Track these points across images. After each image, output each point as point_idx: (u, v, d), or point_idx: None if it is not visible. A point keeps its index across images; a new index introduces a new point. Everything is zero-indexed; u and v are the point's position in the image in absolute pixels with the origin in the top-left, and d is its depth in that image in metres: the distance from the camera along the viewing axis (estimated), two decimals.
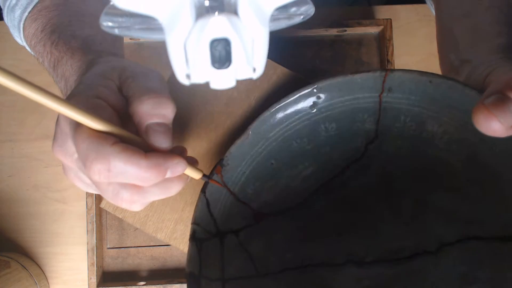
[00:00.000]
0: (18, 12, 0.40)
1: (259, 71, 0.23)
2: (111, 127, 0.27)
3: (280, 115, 0.37)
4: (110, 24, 0.22)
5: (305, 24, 0.51)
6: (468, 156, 0.34)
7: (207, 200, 0.37)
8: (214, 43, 0.21)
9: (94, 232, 0.49)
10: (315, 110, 0.37)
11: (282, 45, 0.53)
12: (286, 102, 0.36)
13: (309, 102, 0.36)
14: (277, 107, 0.36)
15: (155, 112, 0.28)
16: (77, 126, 0.27)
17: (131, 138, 0.28)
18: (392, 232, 0.39)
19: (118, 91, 0.30)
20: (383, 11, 0.54)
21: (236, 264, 0.37)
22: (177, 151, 0.30)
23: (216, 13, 0.20)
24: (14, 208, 0.54)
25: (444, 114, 0.33)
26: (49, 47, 0.38)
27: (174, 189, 0.30)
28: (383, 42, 0.51)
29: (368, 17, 0.54)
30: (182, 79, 0.23)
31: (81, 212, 0.53)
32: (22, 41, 0.43)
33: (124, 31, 0.22)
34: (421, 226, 0.38)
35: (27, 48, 0.43)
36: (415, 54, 0.53)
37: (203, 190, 0.36)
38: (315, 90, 0.36)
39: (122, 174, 0.26)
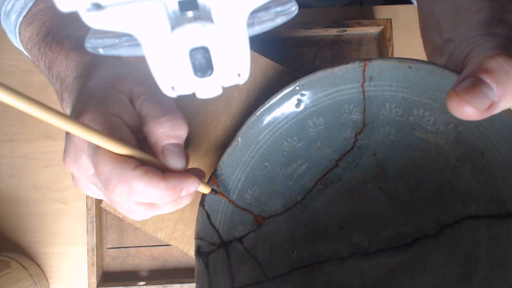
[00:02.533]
0: (13, 17, 0.40)
1: (244, 76, 0.23)
2: (132, 151, 0.28)
3: (266, 117, 0.37)
4: (95, 45, 0.22)
5: (305, 24, 0.51)
6: (456, 136, 0.34)
7: (207, 212, 0.37)
8: (193, 52, 0.21)
9: (94, 232, 0.49)
10: (300, 107, 0.37)
11: (282, 45, 0.53)
12: (271, 103, 0.36)
13: (293, 100, 0.36)
14: (262, 110, 0.36)
15: (172, 134, 0.30)
16: (96, 147, 0.28)
17: (148, 159, 0.29)
18: (391, 220, 0.39)
19: (131, 106, 0.31)
20: (383, 11, 0.54)
21: (244, 272, 0.37)
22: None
23: (191, 22, 0.20)
24: (14, 208, 0.54)
25: (428, 97, 0.34)
26: (43, 49, 0.38)
27: (184, 204, 0.32)
28: (383, 42, 0.51)
29: (368, 17, 0.54)
30: (168, 92, 0.23)
31: (81, 212, 0.53)
32: (19, 46, 0.43)
33: (110, 50, 0.22)
34: (419, 210, 0.38)
35: (24, 52, 0.43)
36: (415, 54, 0.53)
37: (201, 204, 0.37)
38: (297, 88, 0.36)
39: (142, 195, 0.28)
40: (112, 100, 0.30)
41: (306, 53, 0.53)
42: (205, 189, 0.35)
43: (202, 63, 0.21)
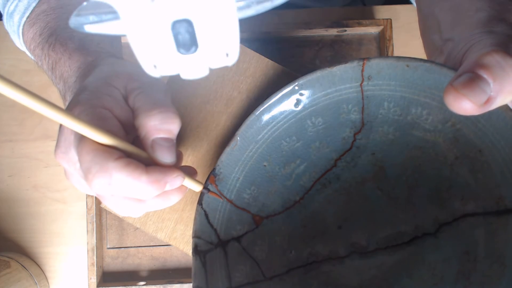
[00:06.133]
0: (16, 17, 0.41)
1: (233, 56, 0.21)
2: (116, 141, 0.27)
3: (265, 116, 0.37)
4: (78, 22, 0.21)
5: (305, 24, 0.51)
6: (454, 134, 0.34)
7: (205, 211, 0.37)
8: (176, 25, 0.19)
9: (94, 232, 0.49)
10: (299, 107, 0.37)
11: (282, 45, 0.53)
12: (270, 103, 0.36)
13: (292, 100, 0.36)
14: (261, 109, 0.36)
15: (162, 127, 0.29)
16: (81, 137, 0.27)
17: (135, 151, 0.29)
18: (390, 218, 0.39)
19: (123, 101, 0.31)
20: (383, 11, 0.54)
21: (242, 271, 0.37)
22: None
23: None
24: (14, 208, 0.54)
25: (426, 95, 0.34)
26: (46, 50, 0.38)
27: (173, 200, 0.31)
28: (383, 42, 0.51)
29: (368, 17, 0.54)
30: (149, 70, 0.22)
31: (81, 212, 0.53)
32: (22, 46, 0.43)
33: (94, 27, 0.21)
34: (418, 209, 0.38)
35: (27, 52, 0.43)
36: (415, 54, 0.53)
37: (199, 202, 0.37)
38: (296, 88, 0.36)
39: (122, 188, 0.27)
40: (104, 94, 0.30)
41: (306, 53, 0.53)
42: (195, 186, 0.34)
43: (186, 38, 0.20)
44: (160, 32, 0.20)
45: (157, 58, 0.21)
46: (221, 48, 0.21)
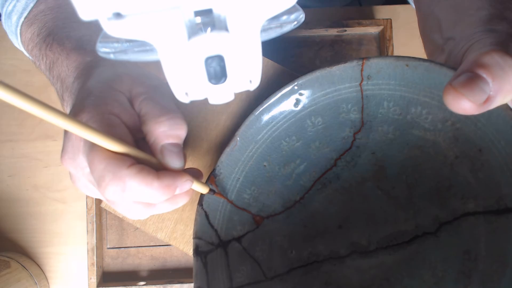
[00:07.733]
0: (14, 18, 0.41)
1: (256, 82, 0.23)
2: (128, 148, 0.28)
3: (265, 116, 0.37)
4: (106, 50, 0.22)
5: (305, 24, 0.51)
6: (453, 133, 0.34)
7: (205, 212, 0.37)
8: (209, 60, 0.21)
9: (94, 232, 0.49)
10: (299, 107, 0.37)
11: (282, 45, 0.53)
12: (269, 103, 0.36)
13: (292, 100, 0.36)
14: (260, 110, 0.36)
15: (171, 133, 0.29)
16: (92, 144, 0.27)
17: (144, 157, 0.29)
18: (390, 218, 0.39)
19: (130, 106, 0.31)
20: (383, 11, 0.55)
21: (243, 271, 0.37)
22: None
23: (208, 31, 0.20)
24: (14, 208, 0.54)
25: (425, 95, 0.34)
26: (44, 50, 0.38)
27: (180, 203, 0.32)
28: (383, 42, 0.51)
29: (368, 17, 0.54)
30: (181, 98, 0.23)
31: (81, 212, 0.53)
32: (20, 47, 0.43)
33: (121, 55, 0.22)
34: (418, 208, 0.38)
35: (25, 53, 0.43)
36: (415, 54, 0.53)
37: (200, 203, 0.37)
38: (296, 87, 0.36)
39: (135, 194, 0.27)
40: (110, 99, 0.30)
41: (306, 53, 0.53)
42: (203, 189, 0.35)
43: (217, 70, 0.22)
44: (194, 65, 0.21)
45: (189, 87, 0.23)
46: (246, 76, 0.23)
